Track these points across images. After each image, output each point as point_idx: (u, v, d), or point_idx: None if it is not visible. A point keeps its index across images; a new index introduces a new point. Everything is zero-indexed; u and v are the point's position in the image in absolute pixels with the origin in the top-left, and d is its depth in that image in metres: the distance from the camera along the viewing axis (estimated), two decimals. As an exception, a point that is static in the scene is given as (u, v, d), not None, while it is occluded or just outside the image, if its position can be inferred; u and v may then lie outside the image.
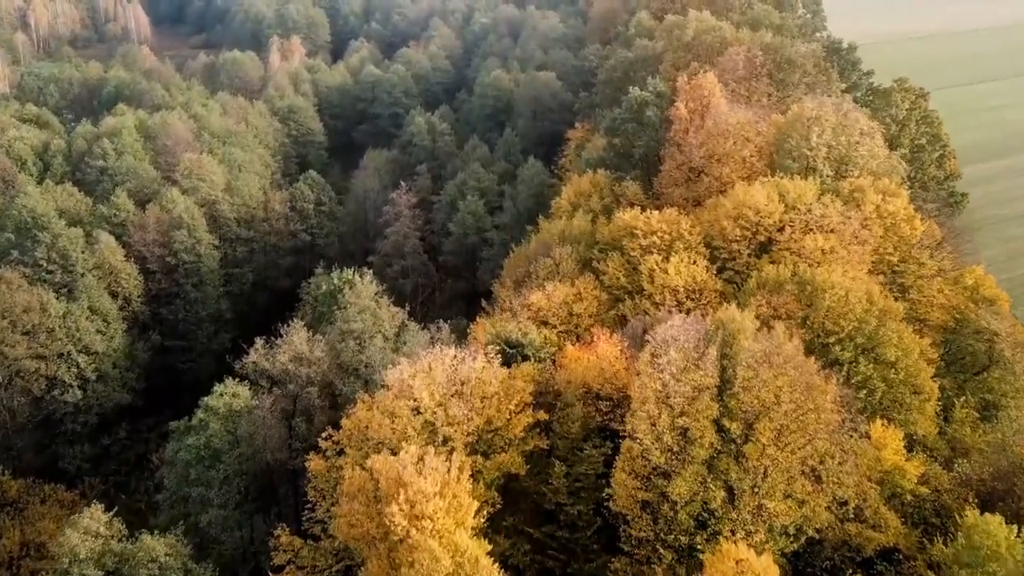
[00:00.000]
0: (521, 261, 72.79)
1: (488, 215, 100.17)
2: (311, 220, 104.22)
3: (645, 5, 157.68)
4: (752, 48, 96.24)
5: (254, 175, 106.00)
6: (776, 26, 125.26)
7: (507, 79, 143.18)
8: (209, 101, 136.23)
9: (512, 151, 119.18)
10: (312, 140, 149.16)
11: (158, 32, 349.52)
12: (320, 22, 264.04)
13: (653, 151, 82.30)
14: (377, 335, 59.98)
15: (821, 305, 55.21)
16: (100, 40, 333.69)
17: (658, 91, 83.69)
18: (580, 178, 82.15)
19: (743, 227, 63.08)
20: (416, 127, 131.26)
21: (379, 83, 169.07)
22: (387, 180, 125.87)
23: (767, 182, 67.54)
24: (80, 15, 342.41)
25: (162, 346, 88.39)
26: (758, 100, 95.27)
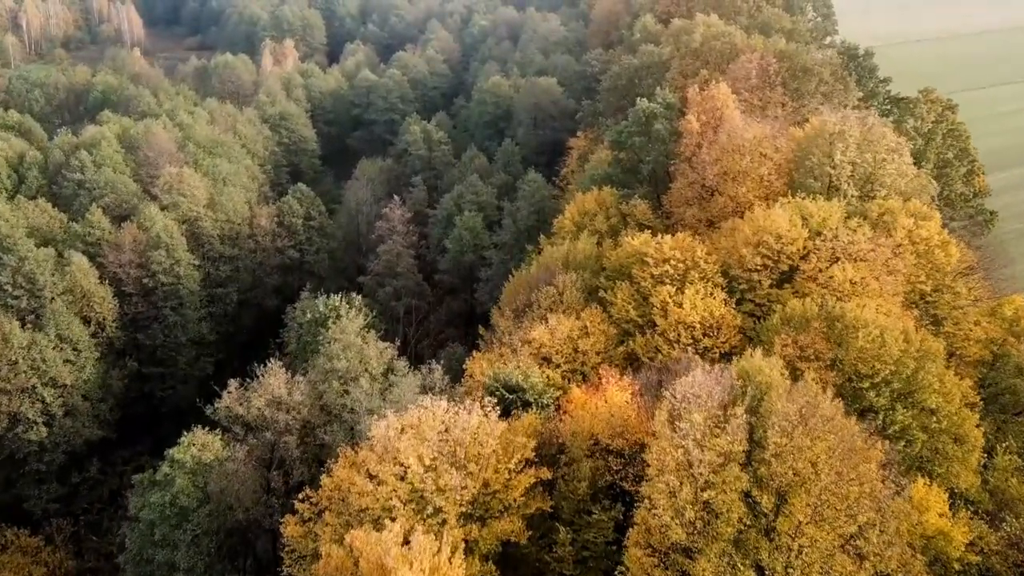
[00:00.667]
0: (521, 287, 67.40)
1: (486, 230, 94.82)
2: (300, 236, 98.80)
3: (649, 8, 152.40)
4: (765, 55, 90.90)
5: (240, 188, 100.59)
6: (787, 31, 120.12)
7: (506, 85, 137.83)
8: (196, 108, 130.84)
9: (511, 161, 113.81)
10: (304, 148, 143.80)
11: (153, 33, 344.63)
12: (315, 24, 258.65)
13: (662, 167, 76.99)
14: (363, 374, 54.59)
15: (853, 345, 49.84)
16: (93, 42, 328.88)
17: (667, 102, 78.38)
18: (584, 195, 76.86)
19: (764, 255, 57.73)
20: (411, 136, 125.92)
21: (374, 88, 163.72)
22: (381, 191, 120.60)
23: (788, 204, 62.24)
24: (73, 16, 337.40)
25: (139, 373, 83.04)
26: (772, 110, 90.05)
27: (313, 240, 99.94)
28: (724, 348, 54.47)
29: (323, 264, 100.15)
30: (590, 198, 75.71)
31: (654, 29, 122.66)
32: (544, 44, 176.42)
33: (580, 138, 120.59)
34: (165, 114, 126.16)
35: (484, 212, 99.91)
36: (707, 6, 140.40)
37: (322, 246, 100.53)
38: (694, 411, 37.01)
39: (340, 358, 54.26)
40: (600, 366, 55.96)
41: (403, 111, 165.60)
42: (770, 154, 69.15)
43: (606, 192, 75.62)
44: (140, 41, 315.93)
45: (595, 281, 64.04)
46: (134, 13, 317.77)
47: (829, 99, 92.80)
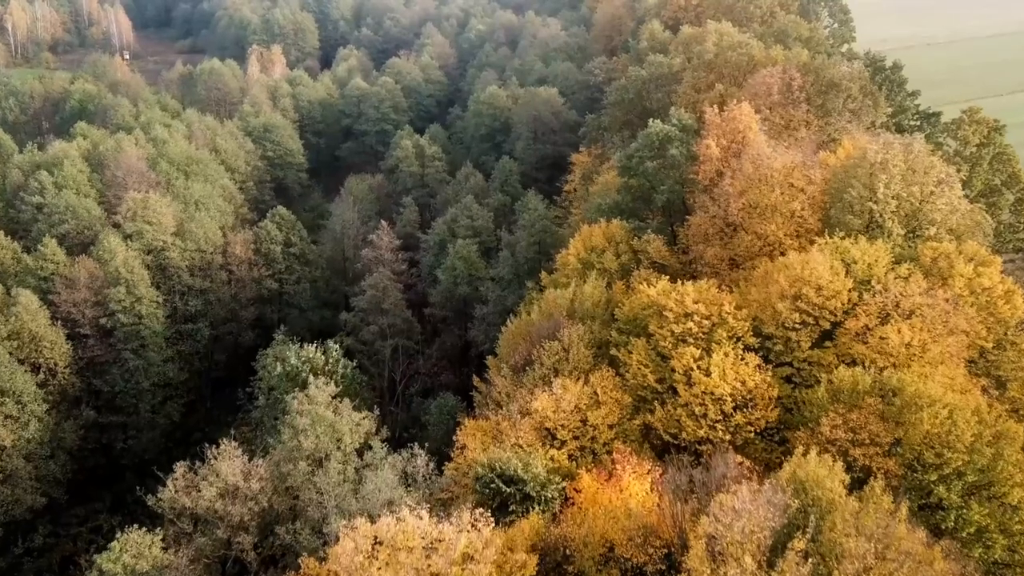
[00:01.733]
0: (521, 338, 59.20)
1: (482, 258, 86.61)
2: (278, 264, 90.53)
3: (655, 13, 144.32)
4: (788, 69, 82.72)
5: (214, 212, 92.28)
6: (805, 39, 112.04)
7: (504, 96, 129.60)
8: (174, 122, 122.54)
9: (509, 180, 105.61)
10: (290, 162, 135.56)
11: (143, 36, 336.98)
12: (308, 28, 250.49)
13: (678, 196, 68.82)
14: (335, 452, 46.42)
15: (917, 429, 41.74)
16: (82, 45, 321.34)
17: (683, 124, 70.20)
18: (591, 228, 68.63)
19: (803, 311, 49.55)
20: (402, 151, 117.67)
21: (365, 97, 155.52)
22: (371, 210, 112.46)
23: (826, 245, 54.09)
24: (62, 19, 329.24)
25: (96, 422, 74.77)
26: (795, 130, 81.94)
27: (293, 268, 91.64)
28: (760, 425, 46.34)
29: (304, 295, 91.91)
30: (597, 231, 67.51)
31: (662, 37, 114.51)
32: (544, 50, 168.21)
33: (583, 154, 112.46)
34: (140, 128, 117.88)
35: (480, 237, 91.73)
36: (717, 11, 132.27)
37: (303, 275, 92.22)
38: (743, 552, 28.82)
39: (308, 434, 46.02)
40: (613, 442, 47.89)
41: (396, 121, 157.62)
42: (803, 186, 60.95)
43: (615, 225, 67.40)
44: (129, 44, 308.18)
45: (605, 333, 55.89)
46: (123, 15, 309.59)
47: (858, 116, 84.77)
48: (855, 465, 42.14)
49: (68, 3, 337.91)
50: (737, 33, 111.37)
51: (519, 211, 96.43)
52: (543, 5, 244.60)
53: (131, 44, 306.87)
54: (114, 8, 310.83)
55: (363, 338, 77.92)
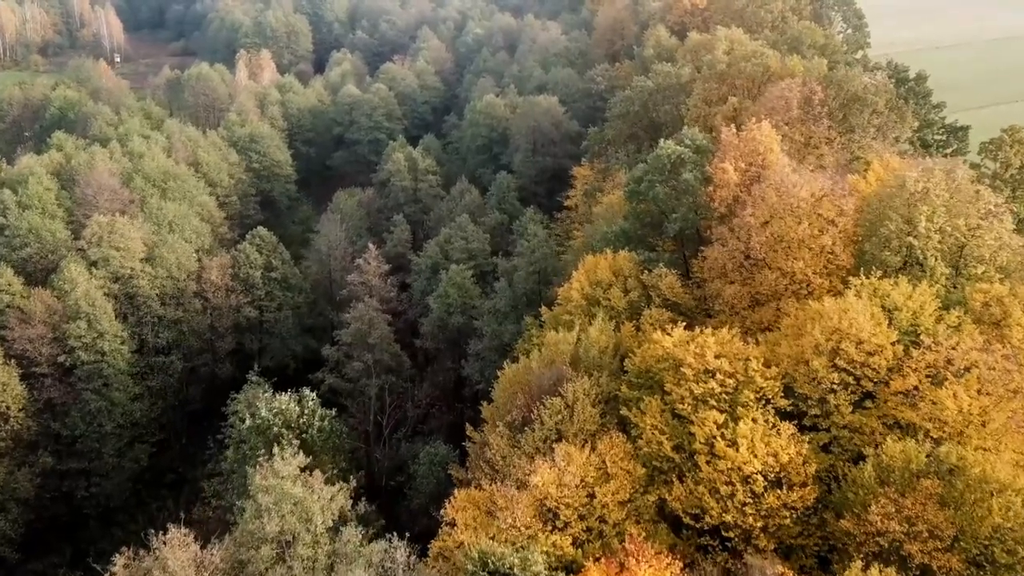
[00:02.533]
0: (519, 387, 52.84)
1: (477, 284, 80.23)
2: (258, 291, 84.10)
3: (660, 18, 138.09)
4: (808, 81, 76.46)
5: (190, 233, 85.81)
6: (820, 46, 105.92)
7: (501, 106, 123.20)
8: (153, 133, 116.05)
9: (507, 198, 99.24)
10: (278, 173, 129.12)
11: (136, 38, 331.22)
12: (301, 31, 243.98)
13: (692, 224, 62.43)
14: (303, 535, 40.06)
15: (984, 520, 35.47)
16: (72, 47, 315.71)
17: (697, 145, 63.82)
18: (595, 259, 62.22)
19: (842, 369, 43.21)
20: (394, 164, 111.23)
21: (357, 105, 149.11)
22: (360, 227, 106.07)
23: (863, 287, 47.83)
24: (52, 21, 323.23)
25: (55, 469, 68.40)
26: (815, 147, 75.70)
27: (274, 295, 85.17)
28: (796, 507, 39.94)
29: (286, 323, 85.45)
30: (603, 264, 61.09)
31: (669, 44, 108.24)
32: (543, 55, 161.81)
33: (585, 167, 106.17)
34: (117, 139, 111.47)
35: (475, 260, 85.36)
36: (726, 16, 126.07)
37: (285, 301, 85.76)
38: None
39: (271, 514, 39.67)
40: (625, 523, 41.56)
41: (389, 130, 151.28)
42: (833, 217, 54.60)
43: (623, 257, 60.97)
44: (120, 47, 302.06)
45: (614, 386, 49.57)
46: (114, 17, 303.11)
47: (883, 133, 78.54)
48: (911, 563, 35.91)
49: (59, 4, 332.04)
50: (749, 40, 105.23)
51: (517, 232, 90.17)
52: (543, 7, 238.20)
53: (122, 46, 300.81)
54: (105, 10, 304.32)
55: (346, 374, 71.54)
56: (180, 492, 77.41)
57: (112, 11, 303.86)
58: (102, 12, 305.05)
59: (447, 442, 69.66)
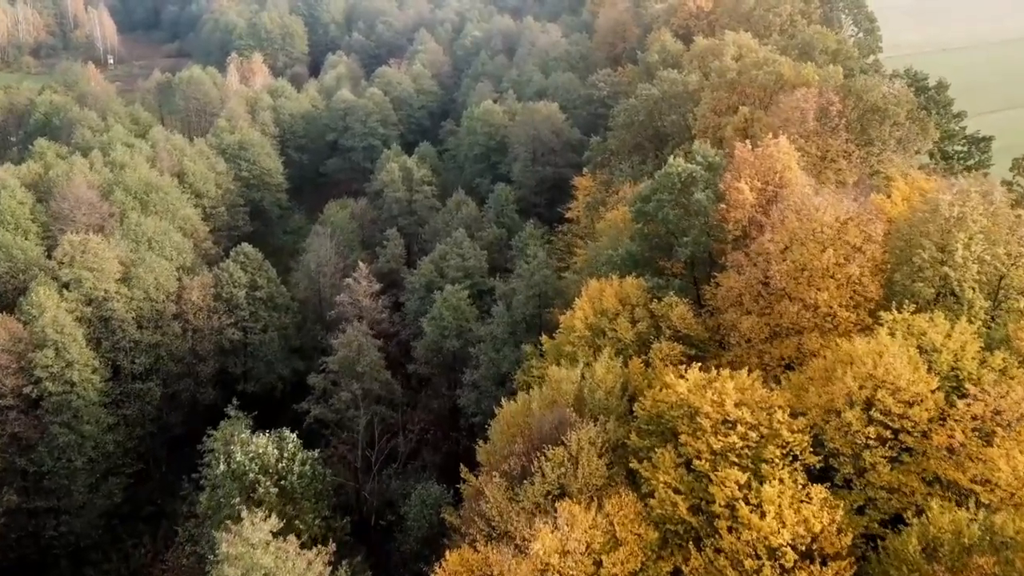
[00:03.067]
0: (517, 431, 48.37)
1: (473, 304, 75.68)
2: (242, 312, 79.52)
3: (664, 21, 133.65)
4: (825, 91, 72.06)
5: (170, 250, 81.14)
6: (832, 52, 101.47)
7: (500, 112, 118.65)
8: (137, 141, 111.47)
9: (506, 211, 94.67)
10: (268, 182, 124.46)
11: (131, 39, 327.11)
12: (296, 33, 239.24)
13: (704, 248, 57.92)
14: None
15: (1050, 606, 30.98)
16: (65, 48, 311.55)
17: (709, 161, 59.29)
18: (600, 285, 57.67)
19: (879, 422, 38.70)
20: (388, 174, 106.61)
21: (352, 110, 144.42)
22: (353, 240, 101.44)
23: (895, 323, 43.39)
24: (45, 22, 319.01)
25: (22, 507, 63.85)
26: (832, 161, 71.30)
27: (259, 315, 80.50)
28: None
29: (272, 345, 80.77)
30: (609, 291, 56.55)
31: (674, 49, 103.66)
32: (543, 59, 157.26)
33: (587, 177, 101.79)
34: (99, 148, 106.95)
35: (472, 279, 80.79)
36: (732, 20, 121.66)
37: (271, 322, 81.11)
38: None
39: (239, 588, 35.15)
40: (636, 597, 37.08)
41: (384, 136, 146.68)
42: (860, 243, 50.10)
43: (630, 284, 56.42)
44: (114, 48, 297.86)
45: (623, 432, 45.09)
46: (107, 18, 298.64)
47: (904, 146, 74.12)
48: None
49: (53, 5, 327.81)
50: (758, 46, 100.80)
51: (516, 248, 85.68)
52: (542, 9, 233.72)
53: (116, 48, 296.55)
54: (98, 11, 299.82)
55: (333, 405, 66.96)
56: (158, 527, 72.80)
57: (105, 12, 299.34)
58: (95, 13, 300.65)
59: (441, 475, 65.23)
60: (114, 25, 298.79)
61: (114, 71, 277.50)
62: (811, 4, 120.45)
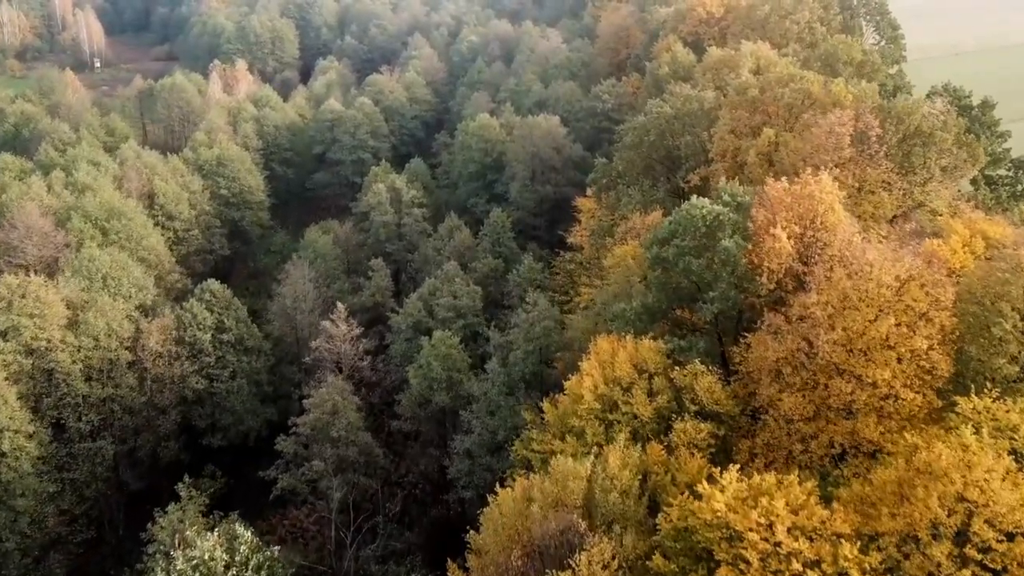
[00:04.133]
0: (513, 540, 40.05)
1: (467, 349, 67.30)
2: (208, 358, 71.22)
3: (672, 28, 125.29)
4: (863, 114, 63.81)
5: (129, 287, 72.65)
6: (857, 63, 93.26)
7: (496, 127, 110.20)
8: (104, 159, 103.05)
9: (502, 239, 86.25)
10: (249, 200, 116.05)
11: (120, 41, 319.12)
12: (287, 36, 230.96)
13: (734, 305, 49.60)
14: None
15: None
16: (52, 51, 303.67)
17: (738, 202, 50.97)
18: (611, 344, 49.38)
19: (972, 559, 30.40)
20: (375, 195, 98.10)
21: (340, 121, 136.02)
22: (336, 268, 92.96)
23: (978, 417, 35.17)
24: (32, 24, 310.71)
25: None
26: (870, 193, 63.09)
27: (227, 361, 72.10)
28: None
29: (241, 394, 72.35)
30: (622, 355, 48.17)
31: (686, 60, 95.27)
32: (543, 66, 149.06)
33: (591, 198, 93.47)
34: (62, 167, 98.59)
35: (464, 319, 72.45)
36: (746, 27, 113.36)
37: (240, 367, 72.69)
38: None
39: None
40: None
41: (375, 149, 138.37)
42: (926, 309, 41.78)
43: (647, 348, 48.06)
44: (100, 51, 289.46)
45: (643, 547, 36.83)
46: (94, 20, 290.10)
47: (950, 174, 65.88)
48: None
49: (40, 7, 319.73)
50: (777, 57, 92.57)
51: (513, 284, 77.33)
52: (542, 13, 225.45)
53: (103, 50, 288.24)
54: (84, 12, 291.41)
55: (304, 474, 58.59)
56: None
57: (92, 14, 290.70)
58: (81, 15, 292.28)
59: (428, 557, 56.91)
60: (101, 27, 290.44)
61: (100, 75, 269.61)
62: (830, 10, 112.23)
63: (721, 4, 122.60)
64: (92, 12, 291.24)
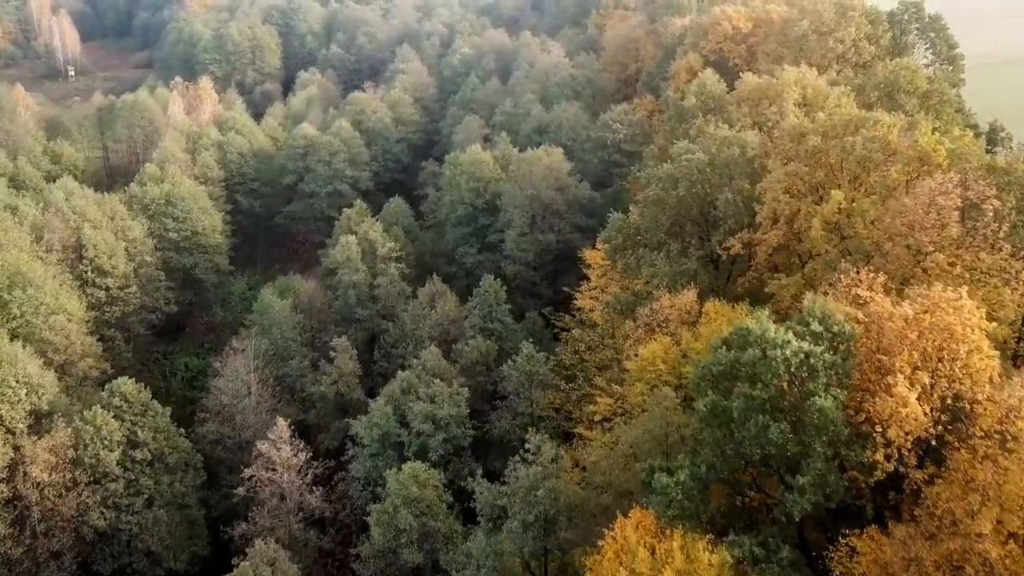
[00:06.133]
0: None
1: (447, 486, 51.28)
2: (114, 483, 55.22)
3: (692, 44, 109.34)
4: (972, 180, 48.02)
5: (18, 388, 56.52)
6: (922, 94, 77.51)
7: (490, 162, 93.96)
8: (23, 202, 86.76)
9: (495, 313, 69.91)
10: (204, 244, 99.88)
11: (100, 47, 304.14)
12: (268, 45, 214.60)
13: (835, 495, 33.45)
14: None
15: None
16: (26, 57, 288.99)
17: (835, 331, 34.80)
18: (646, 543, 33.47)
19: None
20: (344, 250, 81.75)
21: (314, 148, 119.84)
22: (296, 341, 76.47)
23: None
24: (5, 29, 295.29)
25: None
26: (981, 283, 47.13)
27: (142, 485, 56.09)
28: None
29: (161, 528, 56.35)
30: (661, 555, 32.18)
31: (717, 90, 79.14)
32: (543, 84, 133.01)
33: (599, 251, 77.71)
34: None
35: (446, 432, 56.37)
36: (780, 45, 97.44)
37: (160, 492, 56.59)
38: None
39: None
40: None
41: (353, 179, 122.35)
42: None
43: (704, 561, 32.00)
44: (75, 58, 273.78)
45: None
46: (69, 26, 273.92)
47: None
48: None
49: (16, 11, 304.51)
50: (826, 85, 76.75)
51: (507, 378, 61.21)
52: (541, 21, 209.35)
53: (78, 58, 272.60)
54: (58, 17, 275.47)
55: None
56: None
57: (67, 20, 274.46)
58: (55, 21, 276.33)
59: None
60: (76, 33, 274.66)
61: (74, 83, 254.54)
62: (879, 26, 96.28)
63: (749, 17, 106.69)
64: (67, 18, 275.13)
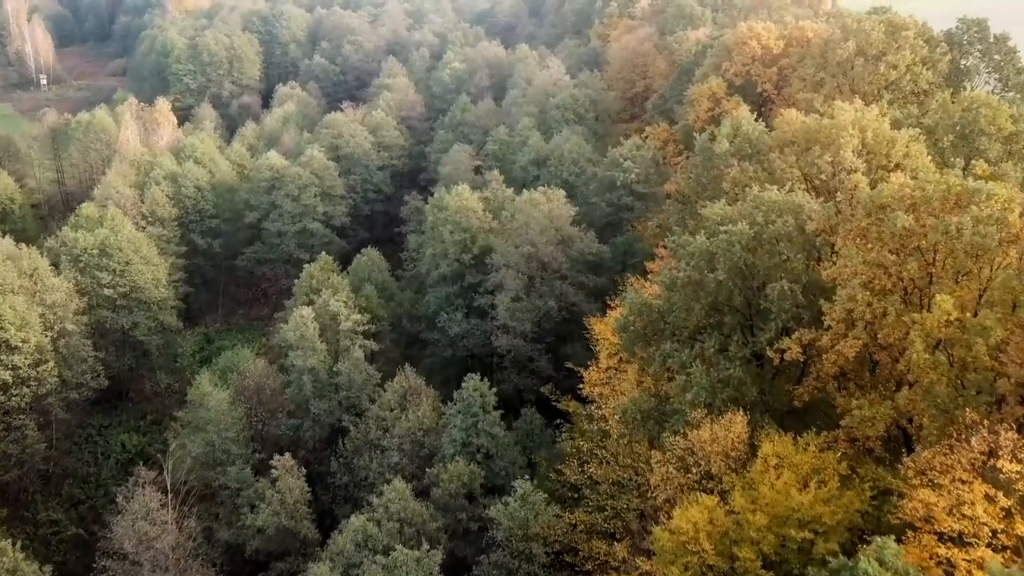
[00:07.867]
0: None
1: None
2: None
3: (713, 66, 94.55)
4: None
5: None
6: (1006, 136, 63.03)
7: (479, 210, 79.06)
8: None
9: (480, 424, 54.80)
10: (147, 299, 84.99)
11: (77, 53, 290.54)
12: (246, 56, 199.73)
13: None
14: None
15: None
16: None
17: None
18: None
19: None
20: (297, 328, 66.54)
21: (281, 182, 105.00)
22: (237, 442, 61.57)
23: None
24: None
25: None
26: None
27: None
28: None
29: None
30: None
31: (755, 134, 64.23)
32: (541, 105, 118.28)
33: (608, 321, 63.31)
34: None
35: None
36: (819, 71, 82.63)
37: None
38: None
39: None
40: None
41: (326, 216, 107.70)
42: None
43: None
44: (49, 66, 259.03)
45: None
46: (42, 33, 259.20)
47: None
48: None
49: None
50: (890, 129, 61.73)
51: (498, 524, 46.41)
52: (540, 29, 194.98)
53: (52, 65, 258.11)
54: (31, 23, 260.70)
55: None
56: None
57: (40, 26, 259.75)
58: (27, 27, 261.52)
59: None
60: (51, 40, 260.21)
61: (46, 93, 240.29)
62: (936, 49, 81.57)
63: (780, 35, 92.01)
64: (40, 24, 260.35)
